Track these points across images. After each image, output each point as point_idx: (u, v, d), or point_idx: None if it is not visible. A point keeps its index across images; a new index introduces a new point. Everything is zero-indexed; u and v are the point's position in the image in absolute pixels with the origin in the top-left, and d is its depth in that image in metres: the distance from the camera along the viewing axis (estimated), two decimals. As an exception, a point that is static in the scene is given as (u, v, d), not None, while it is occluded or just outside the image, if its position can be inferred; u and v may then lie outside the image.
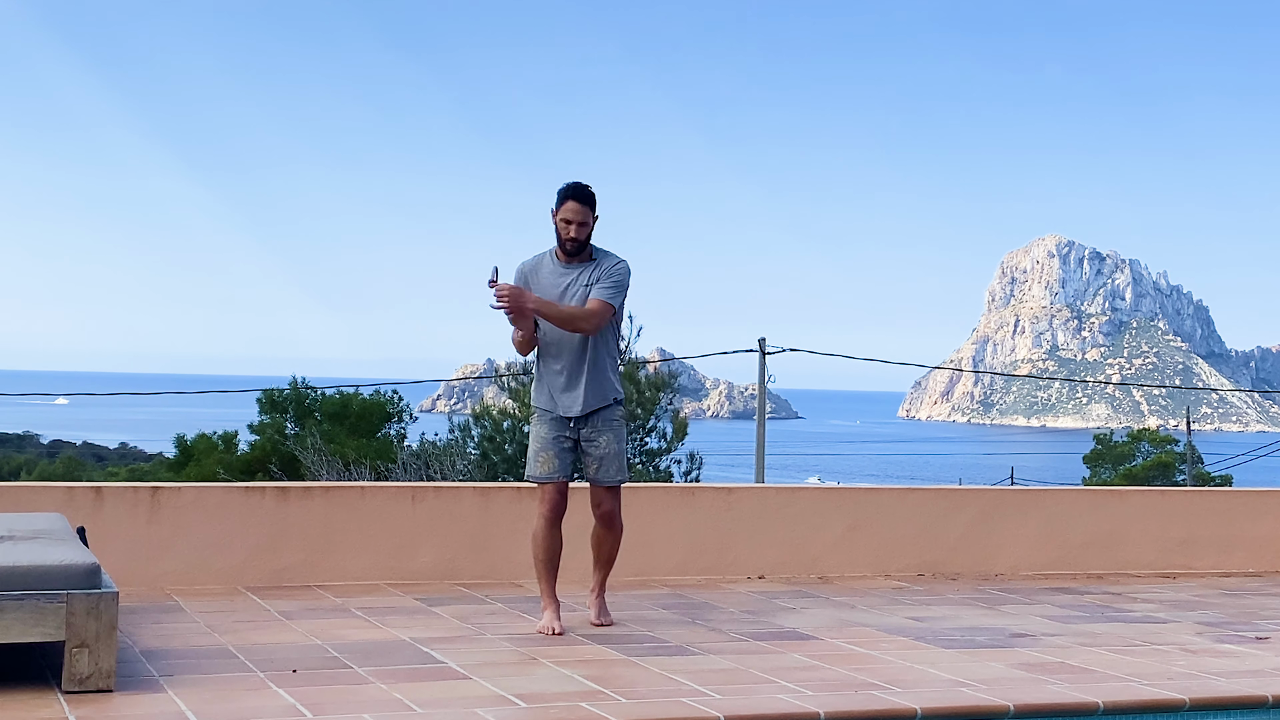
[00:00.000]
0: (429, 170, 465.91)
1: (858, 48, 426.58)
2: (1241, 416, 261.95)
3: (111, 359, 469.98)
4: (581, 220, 6.81)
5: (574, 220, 6.81)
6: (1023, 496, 10.65)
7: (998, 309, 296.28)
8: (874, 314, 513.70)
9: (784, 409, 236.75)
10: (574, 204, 6.81)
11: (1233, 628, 7.61)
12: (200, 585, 7.92)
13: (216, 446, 25.51)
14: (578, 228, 6.82)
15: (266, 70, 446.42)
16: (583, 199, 6.82)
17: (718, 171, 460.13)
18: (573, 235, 6.82)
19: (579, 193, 6.82)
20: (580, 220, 6.81)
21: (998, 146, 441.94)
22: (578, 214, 6.80)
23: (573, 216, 6.80)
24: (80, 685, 5.21)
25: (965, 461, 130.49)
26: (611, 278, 6.88)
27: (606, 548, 7.07)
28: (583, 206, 6.81)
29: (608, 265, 6.91)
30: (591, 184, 6.85)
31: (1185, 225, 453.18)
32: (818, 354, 32.76)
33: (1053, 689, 5.81)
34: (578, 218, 6.81)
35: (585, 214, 6.82)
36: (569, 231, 6.82)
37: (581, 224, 6.82)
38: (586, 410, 6.88)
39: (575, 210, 6.80)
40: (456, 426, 23.78)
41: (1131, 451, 52.88)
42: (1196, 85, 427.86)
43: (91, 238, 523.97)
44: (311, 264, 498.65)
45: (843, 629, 7.19)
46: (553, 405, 6.92)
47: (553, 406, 6.92)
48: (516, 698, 5.38)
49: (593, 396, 6.88)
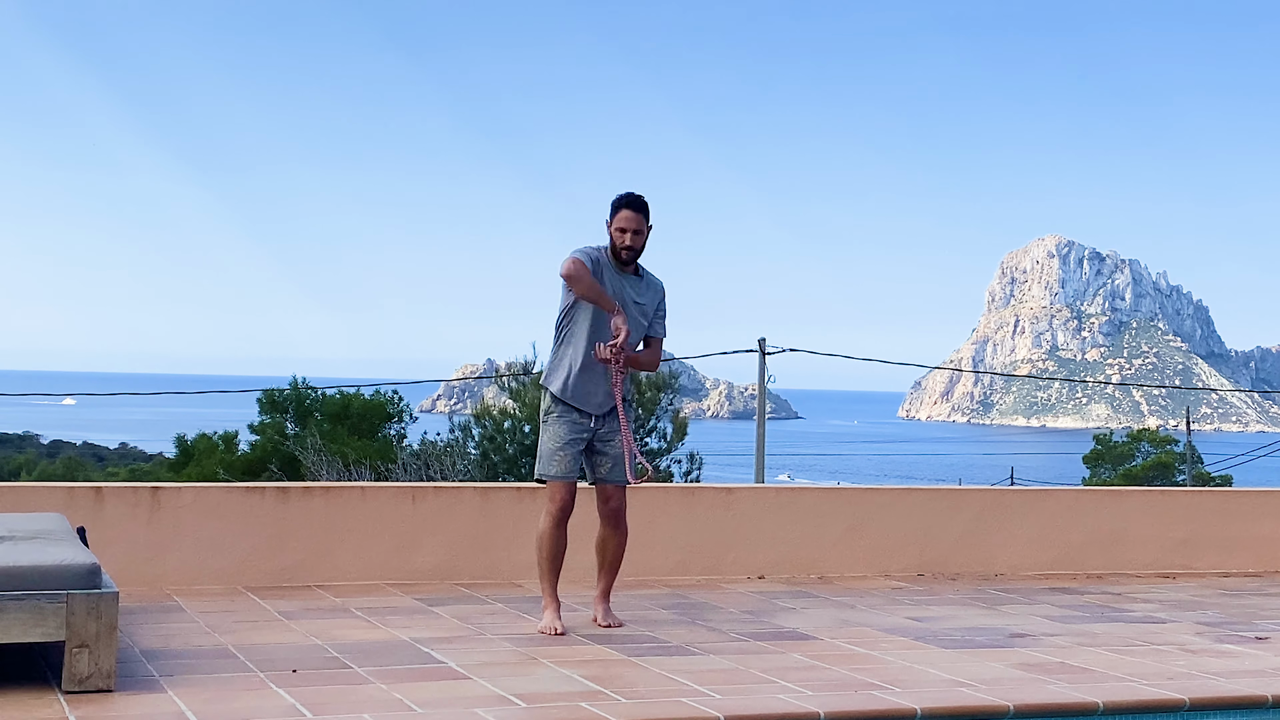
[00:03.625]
0: (427, 170, 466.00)
1: (857, 48, 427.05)
2: (1241, 416, 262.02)
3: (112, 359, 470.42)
4: (636, 229, 6.83)
5: (629, 229, 6.81)
6: (1023, 496, 10.64)
7: (997, 309, 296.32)
8: (874, 314, 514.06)
9: (784, 409, 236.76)
10: (629, 213, 6.82)
11: (1233, 628, 7.62)
12: (200, 585, 7.93)
13: (217, 447, 25.51)
14: (633, 236, 6.82)
15: (265, 70, 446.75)
16: (637, 208, 6.84)
17: (717, 171, 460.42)
18: (628, 244, 6.83)
19: (634, 202, 6.84)
20: (635, 229, 6.82)
21: (998, 146, 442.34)
22: (633, 222, 6.81)
23: (628, 225, 6.81)
24: (80, 685, 5.21)
25: (965, 461, 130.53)
26: (663, 311, 6.99)
27: (612, 549, 7.06)
28: (638, 215, 6.83)
29: (658, 294, 6.99)
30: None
31: (1185, 225, 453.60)
32: (818, 354, 32.68)
33: (1053, 689, 5.81)
34: (633, 226, 6.82)
35: (640, 223, 6.84)
36: (624, 240, 6.82)
37: (636, 232, 6.83)
38: (609, 407, 6.88)
39: (630, 219, 6.81)
40: (456, 426, 23.79)
41: (1131, 452, 52.89)
42: (1196, 85, 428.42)
43: (91, 238, 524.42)
44: (311, 264, 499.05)
45: (843, 629, 7.19)
46: (580, 400, 6.85)
47: (580, 402, 6.86)
48: (516, 698, 5.38)
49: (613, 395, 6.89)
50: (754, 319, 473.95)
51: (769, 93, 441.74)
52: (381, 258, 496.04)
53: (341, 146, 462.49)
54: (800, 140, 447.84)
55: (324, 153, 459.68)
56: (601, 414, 6.87)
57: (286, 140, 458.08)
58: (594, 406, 6.85)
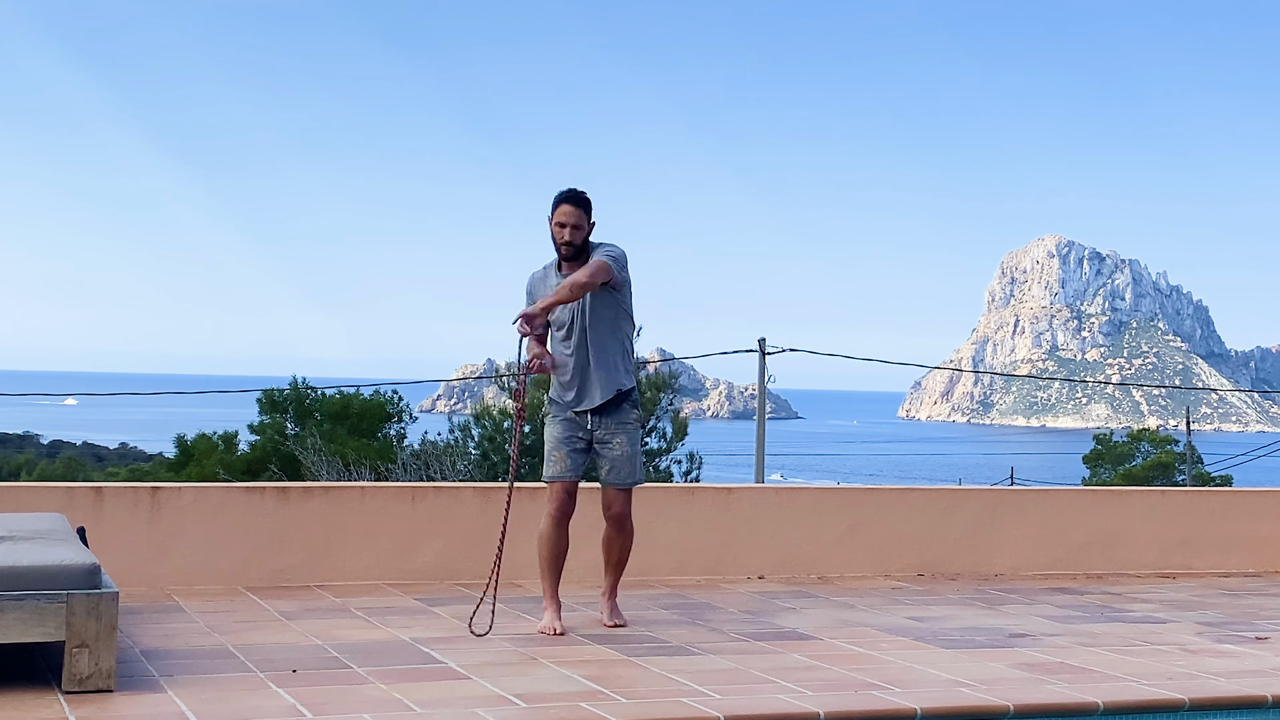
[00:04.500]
0: (426, 170, 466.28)
1: (857, 47, 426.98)
2: (1241, 416, 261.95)
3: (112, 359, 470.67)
4: (575, 223, 6.82)
5: (568, 223, 6.81)
6: (1022, 496, 10.64)
7: (997, 309, 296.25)
8: (874, 314, 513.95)
9: (784, 409, 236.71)
10: (567, 207, 6.82)
11: (1233, 628, 7.61)
12: (200, 585, 7.92)
13: (217, 447, 25.51)
14: (572, 230, 6.82)
15: (264, 70, 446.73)
16: (576, 202, 6.83)
17: (717, 171, 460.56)
18: (567, 239, 6.83)
19: (571, 196, 6.84)
20: (574, 223, 6.82)
21: (998, 146, 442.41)
22: (571, 216, 6.81)
23: (566, 219, 6.81)
24: (80, 685, 5.21)
25: (965, 461, 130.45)
26: (603, 248, 6.89)
27: (616, 550, 7.08)
28: (576, 209, 6.82)
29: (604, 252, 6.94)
30: (592, 184, 6.87)
31: (1185, 225, 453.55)
32: (818, 354, 32.89)
33: (1052, 689, 5.81)
34: (571, 220, 6.81)
35: (579, 216, 6.83)
36: (563, 235, 6.82)
37: (575, 227, 6.82)
38: (595, 405, 6.88)
39: (568, 213, 6.81)
40: (456, 426, 23.81)
41: (1131, 452, 52.87)
42: (1196, 85, 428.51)
43: (90, 238, 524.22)
44: (311, 264, 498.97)
45: (842, 629, 7.19)
46: (562, 398, 6.94)
47: (563, 400, 6.93)
48: (516, 698, 5.38)
49: (601, 389, 6.89)
50: (754, 319, 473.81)
51: (768, 92, 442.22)
52: (381, 258, 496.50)
53: (341, 146, 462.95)
54: (800, 140, 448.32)
55: (323, 152, 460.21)
56: (594, 412, 6.90)
57: (286, 140, 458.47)
58: (582, 403, 6.91)
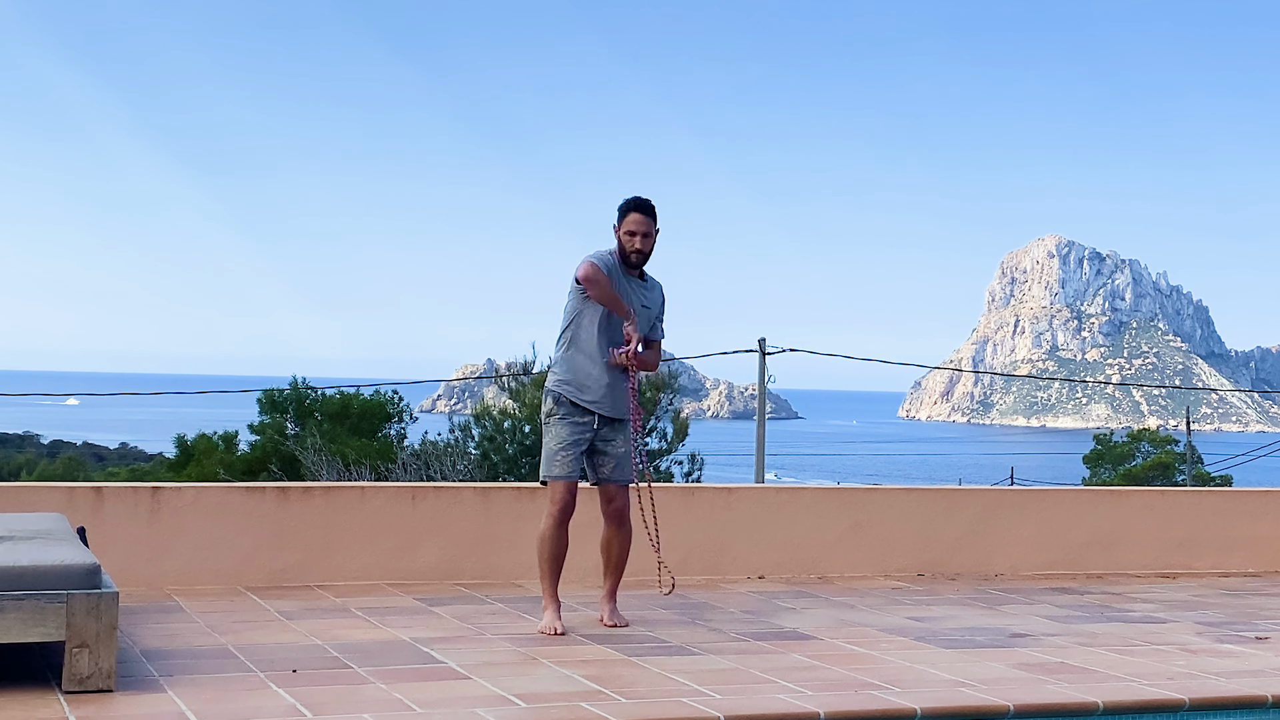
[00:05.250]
0: (427, 170, 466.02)
1: (857, 48, 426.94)
2: (1241, 417, 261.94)
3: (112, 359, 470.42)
4: (646, 232, 6.83)
5: (638, 231, 6.82)
6: (1022, 496, 10.65)
7: (997, 309, 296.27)
8: (874, 314, 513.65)
9: (784, 409, 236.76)
10: (639, 216, 6.82)
11: (1233, 628, 7.62)
12: (200, 585, 7.93)
13: (217, 447, 25.52)
14: (643, 239, 6.83)
15: (264, 71, 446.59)
16: (646, 211, 6.84)
17: (717, 171, 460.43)
18: (638, 247, 6.83)
19: (643, 205, 6.85)
20: (645, 232, 6.83)
21: (998, 146, 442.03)
22: (641, 225, 6.82)
23: (638, 228, 6.81)
24: (81, 685, 5.21)
25: (965, 461, 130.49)
26: (662, 314, 7.04)
27: (617, 549, 7.07)
28: (647, 218, 6.84)
29: (661, 296, 7.02)
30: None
31: (1185, 225, 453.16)
32: (818, 354, 32.83)
33: (1052, 689, 5.81)
34: (642, 229, 6.82)
35: (650, 225, 6.84)
36: (634, 244, 6.82)
37: (646, 235, 6.84)
38: (620, 415, 6.89)
39: (639, 222, 6.81)
40: (456, 426, 23.80)
41: (1131, 452, 52.92)
42: (1197, 86, 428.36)
43: (91, 239, 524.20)
44: (311, 264, 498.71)
45: (842, 629, 7.19)
46: (594, 404, 6.82)
47: (594, 405, 6.82)
48: (516, 698, 5.38)
49: (623, 401, 6.91)
50: (754, 319, 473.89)
51: (769, 93, 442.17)
52: (381, 258, 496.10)
53: (341, 147, 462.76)
54: (800, 140, 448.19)
55: (324, 153, 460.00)
56: (612, 417, 6.88)
57: (286, 140, 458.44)
58: (607, 409, 6.85)
